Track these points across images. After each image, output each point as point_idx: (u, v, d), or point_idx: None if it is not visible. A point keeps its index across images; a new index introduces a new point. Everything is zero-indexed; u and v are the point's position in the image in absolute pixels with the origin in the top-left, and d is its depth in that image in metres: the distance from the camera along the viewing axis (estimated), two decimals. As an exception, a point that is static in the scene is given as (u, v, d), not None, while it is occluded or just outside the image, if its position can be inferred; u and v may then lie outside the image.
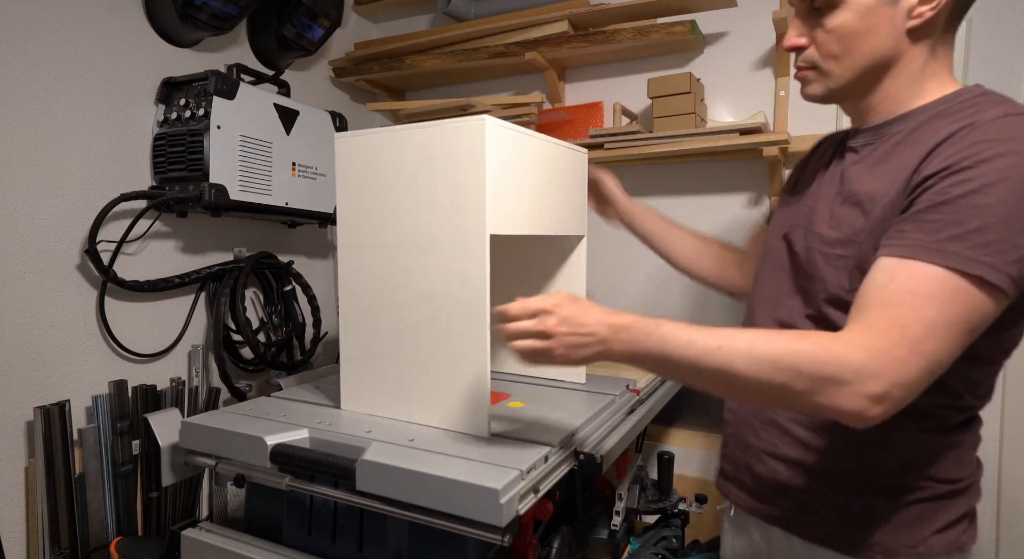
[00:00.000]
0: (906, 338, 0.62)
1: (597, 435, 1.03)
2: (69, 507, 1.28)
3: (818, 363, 0.63)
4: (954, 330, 0.63)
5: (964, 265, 0.62)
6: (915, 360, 0.62)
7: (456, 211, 0.95)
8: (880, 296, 0.65)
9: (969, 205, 0.62)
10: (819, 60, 0.77)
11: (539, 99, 1.87)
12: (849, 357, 0.62)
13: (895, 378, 0.62)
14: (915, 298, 0.63)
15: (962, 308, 0.62)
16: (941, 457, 0.76)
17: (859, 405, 0.62)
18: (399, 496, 0.82)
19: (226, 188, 1.43)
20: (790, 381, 0.64)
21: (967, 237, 0.62)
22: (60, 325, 1.32)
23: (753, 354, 0.65)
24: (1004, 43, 1.44)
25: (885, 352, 0.62)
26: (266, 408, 1.11)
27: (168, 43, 1.53)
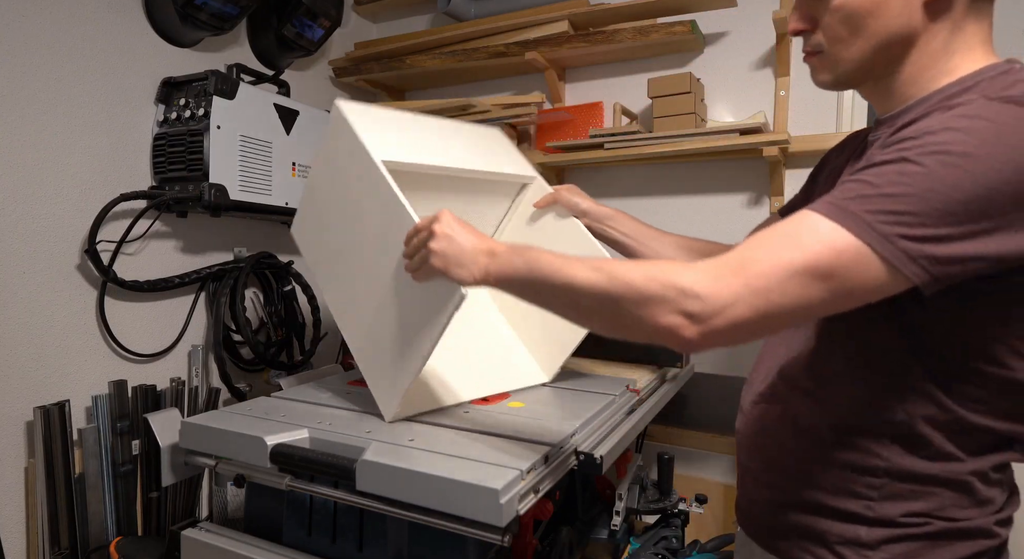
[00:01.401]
0: (746, 269, 0.58)
1: (597, 435, 1.03)
2: (69, 507, 1.28)
3: (651, 278, 0.61)
4: (806, 280, 0.56)
5: (854, 225, 0.56)
6: (744, 292, 0.57)
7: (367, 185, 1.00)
8: (758, 235, 0.61)
9: (894, 170, 0.57)
10: (826, 44, 0.70)
11: (539, 99, 1.87)
12: (681, 276, 0.59)
13: (717, 303, 0.57)
14: (782, 239, 0.58)
15: (830, 265, 0.56)
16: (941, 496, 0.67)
17: (674, 322, 0.59)
18: (399, 496, 0.82)
19: (226, 188, 1.43)
20: (622, 294, 0.62)
21: (874, 199, 0.56)
22: (60, 325, 1.32)
23: (598, 270, 0.65)
24: (1004, 43, 1.44)
25: (718, 277, 0.58)
26: (266, 408, 1.11)
27: (168, 43, 1.53)
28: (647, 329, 0.62)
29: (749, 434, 0.85)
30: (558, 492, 1.01)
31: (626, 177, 1.89)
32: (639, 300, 0.61)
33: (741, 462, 0.89)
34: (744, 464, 0.87)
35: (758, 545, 0.84)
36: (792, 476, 0.77)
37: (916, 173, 0.55)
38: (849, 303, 0.59)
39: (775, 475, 0.79)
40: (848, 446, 0.70)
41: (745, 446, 0.87)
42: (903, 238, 0.55)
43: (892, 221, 0.55)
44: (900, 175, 0.56)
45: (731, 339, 0.59)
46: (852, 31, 0.67)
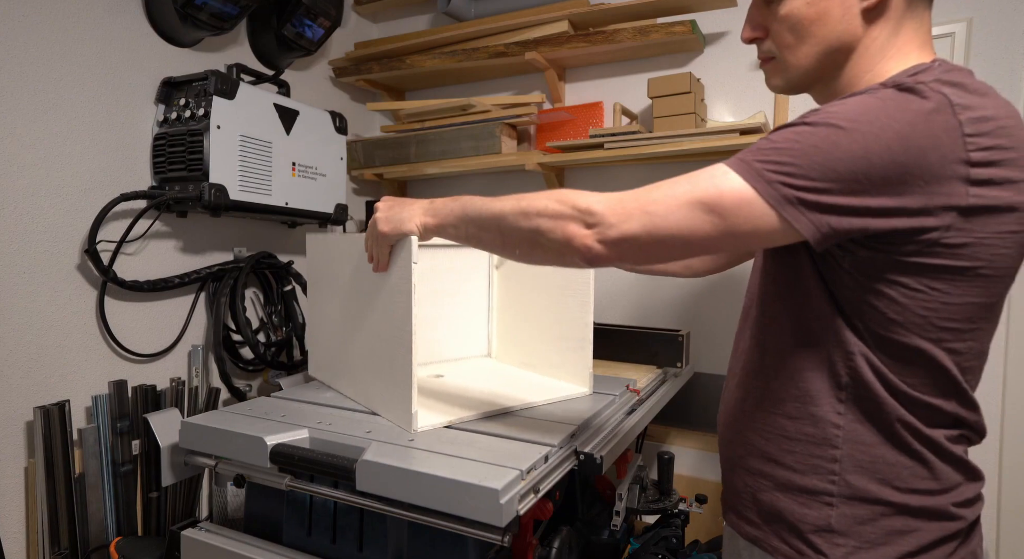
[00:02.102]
0: (642, 196, 0.66)
1: (597, 435, 1.03)
2: (69, 507, 1.28)
3: (559, 201, 0.70)
4: (693, 211, 0.64)
5: (745, 171, 0.63)
6: (637, 213, 0.65)
7: None
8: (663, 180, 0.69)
9: (791, 131, 0.63)
10: (776, 51, 0.76)
11: (539, 99, 1.87)
12: (587, 199, 0.68)
13: (612, 219, 0.66)
14: (682, 179, 0.66)
15: (717, 200, 0.63)
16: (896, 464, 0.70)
17: (576, 232, 0.68)
18: (399, 496, 0.82)
19: (226, 188, 1.43)
20: (539, 223, 0.71)
21: (767, 152, 0.63)
22: (60, 325, 1.32)
23: (519, 205, 0.75)
24: (1004, 43, 1.44)
25: (618, 201, 0.67)
26: (266, 408, 1.11)
27: (168, 43, 1.53)
28: (556, 244, 0.70)
29: (724, 424, 0.89)
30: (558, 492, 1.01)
31: (626, 177, 1.89)
32: (550, 218, 0.70)
33: (721, 455, 0.91)
34: (723, 456, 0.90)
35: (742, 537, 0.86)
36: (759, 460, 0.80)
37: (807, 133, 0.62)
38: (735, 242, 0.65)
39: (746, 462, 0.82)
40: (807, 420, 0.74)
41: (723, 438, 0.90)
42: (784, 186, 0.61)
43: (777, 170, 0.61)
44: (795, 135, 0.62)
45: (623, 252, 0.68)
46: (798, 38, 0.73)
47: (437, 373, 1.27)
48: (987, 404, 1.48)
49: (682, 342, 1.55)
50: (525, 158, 1.80)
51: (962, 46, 1.45)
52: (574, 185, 1.96)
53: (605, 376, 1.36)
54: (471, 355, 1.39)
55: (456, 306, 1.37)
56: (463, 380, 1.23)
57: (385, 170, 2.03)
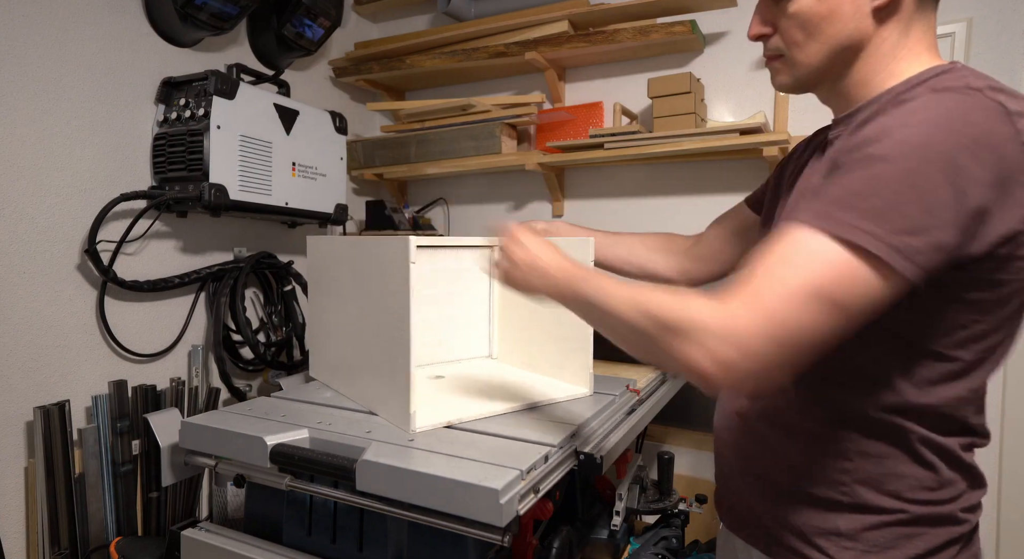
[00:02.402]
0: (757, 302, 0.59)
1: (597, 435, 1.03)
2: (69, 507, 1.28)
3: (671, 311, 0.62)
4: (816, 301, 0.57)
5: (841, 230, 0.58)
6: (762, 326, 0.58)
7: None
8: (756, 259, 0.62)
9: (865, 174, 0.59)
10: (785, 48, 0.74)
11: (539, 99, 1.87)
12: (699, 312, 0.60)
13: (738, 342, 0.58)
14: (780, 263, 0.60)
15: (830, 278, 0.57)
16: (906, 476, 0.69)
17: (700, 362, 0.60)
18: (399, 496, 0.82)
19: (226, 188, 1.43)
20: (648, 328, 0.64)
21: (853, 203, 0.58)
22: (60, 325, 1.32)
23: (630, 299, 0.67)
24: (1004, 43, 1.44)
25: (733, 314, 0.59)
26: (266, 408, 1.11)
27: (168, 43, 1.53)
28: (676, 363, 0.63)
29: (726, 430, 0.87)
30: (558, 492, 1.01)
31: (626, 177, 1.89)
32: (662, 336, 0.63)
33: (724, 460, 0.90)
34: (728, 462, 0.89)
35: (741, 540, 0.85)
36: (771, 470, 0.79)
37: (886, 172, 0.58)
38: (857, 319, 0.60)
39: (756, 465, 0.81)
40: (823, 437, 0.73)
41: (728, 444, 0.88)
42: (892, 234, 0.56)
43: (875, 220, 0.57)
44: (873, 178, 0.58)
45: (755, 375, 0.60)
46: (808, 35, 0.71)
47: (438, 374, 1.27)
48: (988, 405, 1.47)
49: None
50: (525, 158, 1.80)
51: (962, 46, 1.45)
52: (574, 185, 1.96)
53: (605, 376, 1.36)
54: (473, 356, 1.38)
55: (457, 307, 1.36)
56: (463, 381, 1.22)
57: (385, 170, 2.03)
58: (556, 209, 1.98)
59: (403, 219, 2.00)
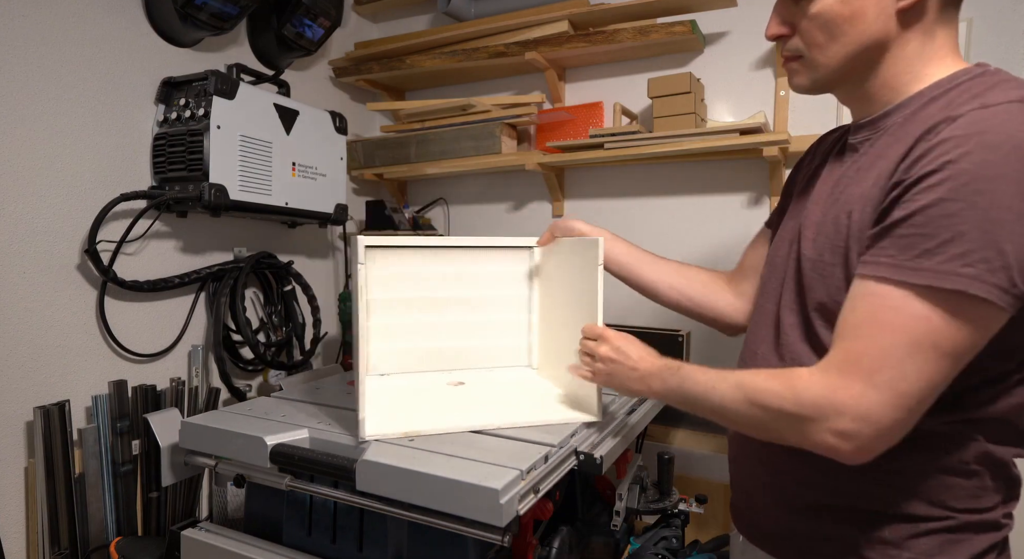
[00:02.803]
0: (861, 370, 0.59)
1: (597, 435, 1.03)
2: (69, 507, 1.27)
3: (781, 399, 0.64)
4: (922, 356, 0.58)
5: (939, 281, 0.57)
6: (874, 393, 0.59)
7: None
8: (846, 324, 0.63)
9: (939, 214, 0.57)
10: (804, 49, 0.73)
11: (539, 99, 1.87)
12: (807, 393, 0.62)
13: (857, 414, 0.59)
14: (872, 326, 0.60)
15: (931, 330, 0.57)
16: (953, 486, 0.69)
17: (828, 442, 0.62)
18: (399, 496, 0.82)
19: (226, 188, 1.43)
20: (765, 417, 0.66)
21: (940, 250, 0.57)
22: (60, 325, 1.32)
23: (736, 393, 0.69)
24: (1004, 43, 1.44)
25: (840, 387, 0.60)
26: (266, 408, 1.11)
27: (168, 43, 1.53)
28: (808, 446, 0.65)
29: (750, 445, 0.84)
30: (558, 492, 1.01)
31: (626, 177, 1.89)
32: (784, 425, 0.65)
33: (742, 468, 0.88)
34: (747, 469, 0.86)
35: (765, 551, 0.83)
36: (808, 481, 0.76)
37: (960, 211, 0.56)
38: (968, 355, 0.60)
39: (787, 480, 0.79)
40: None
41: (749, 452, 0.86)
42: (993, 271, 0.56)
43: (972, 261, 0.56)
44: (947, 217, 0.57)
45: (889, 441, 0.61)
46: (830, 37, 0.69)
47: (459, 380, 1.20)
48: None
49: (682, 342, 1.55)
50: (525, 158, 1.80)
51: (962, 46, 1.45)
52: (574, 185, 1.96)
53: (605, 376, 1.35)
54: (510, 364, 1.27)
55: (493, 312, 1.25)
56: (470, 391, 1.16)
57: (385, 170, 2.03)
58: (556, 209, 1.98)
59: (403, 219, 2.00)
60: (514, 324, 1.27)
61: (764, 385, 0.66)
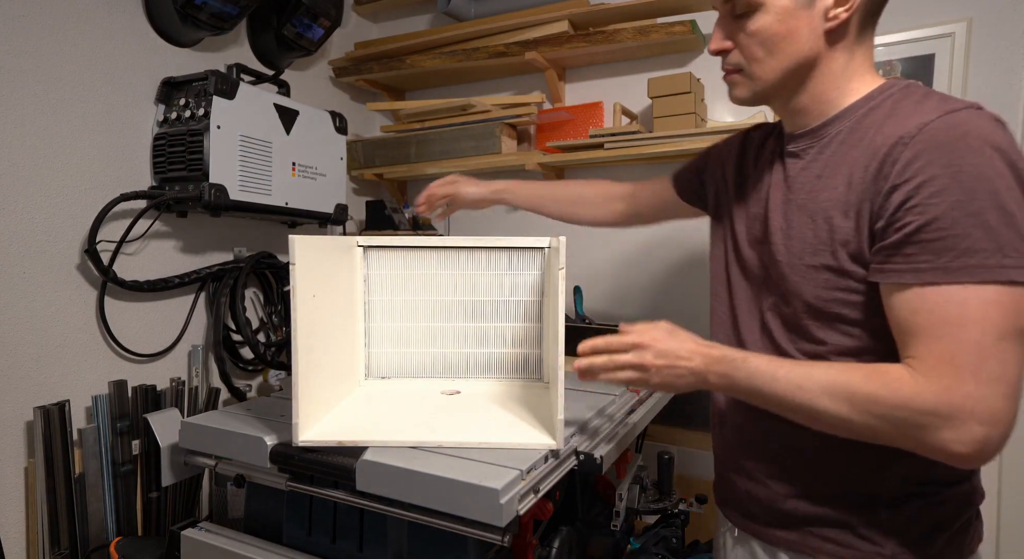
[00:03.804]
0: (964, 367, 0.62)
1: (597, 435, 1.03)
2: (69, 507, 1.27)
3: (893, 408, 0.64)
4: (1008, 341, 0.61)
5: (990, 275, 0.61)
6: (986, 389, 0.61)
7: None
8: (913, 331, 0.65)
9: (962, 215, 0.62)
10: (744, 63, 0.78)
11: (539, 99, 1.87)
12: (921, 400, 0.63)
13: (984, 417, 0.61)
14: (948, 326, 0.63)
15: (1006, 317, 0.61)
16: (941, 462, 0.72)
17: (954, 449, 0.63)
18: (399, 496, 0.82)
19: (226, 188, 1.43)
20: (874, 424, 0.66)
21: (979, 247, 0.62)
22: (60, 325, 1.32)
23: (832, 396, 0.67)
24: (1004, 43, 1.44)
25: (952, 387, 0.62)
26: (266, 408, 1.11)
27: (168, 43, 1.53)
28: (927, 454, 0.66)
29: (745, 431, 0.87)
30: (558, 492, 1.01)
31: (626, 177, 1.88)
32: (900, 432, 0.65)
33: (732, 459, 0.91)
34: (737, 461, 0.89)
35: (760, 541, 0.85)
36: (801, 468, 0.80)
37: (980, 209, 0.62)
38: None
39: (778, 469, 0.82)
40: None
41: (739, 443, 0.89)
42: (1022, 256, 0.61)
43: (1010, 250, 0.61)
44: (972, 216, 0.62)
45: (1005, 435, 0.63)
46: (768, 52, 0.76)
47: (455, 389, 1.15)
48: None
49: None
50: (525, 158, 1.80)
51: (962, 46, 1.45)
52: (574, 185, 1.96)
53: (605, 376, 1.35)
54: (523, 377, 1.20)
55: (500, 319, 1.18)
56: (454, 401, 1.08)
57: (385, 170, 2.03)
58: (556, 209, 1.98)
59: (403, 219, 2.00)
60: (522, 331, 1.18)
61: (869, 390, 0.66)
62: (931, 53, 1.48)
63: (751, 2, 0.74)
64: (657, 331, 0.81)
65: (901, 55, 1.51)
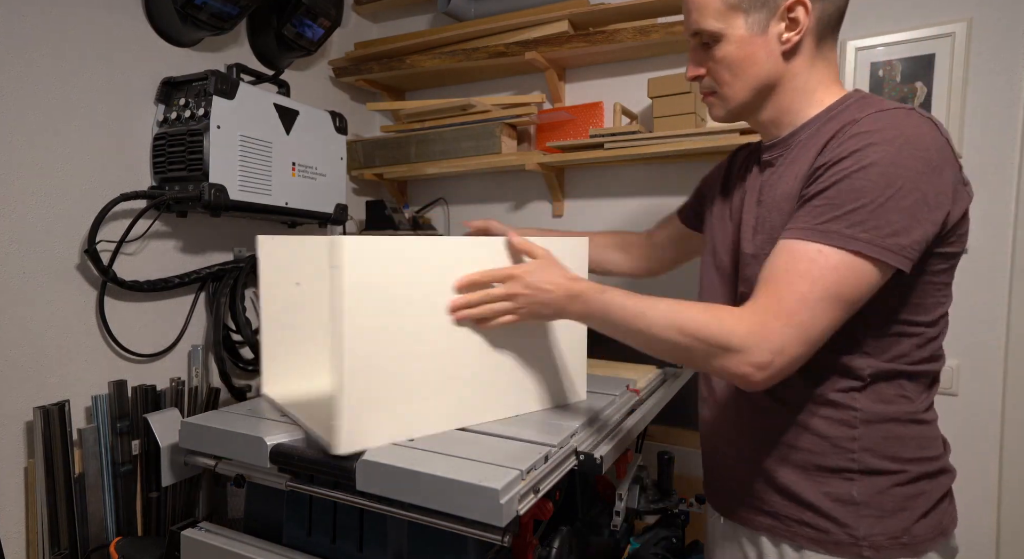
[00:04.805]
0: (781, 311, 0.71)
1: (597, 435, 1.03)
2: (69, 507, 1.27)
3: (712, 332, 0.74)
4: (828, 302, 0.71)
5: (842, 242, 0.71)
6: (789, 330, 0.71)
7: None
8: (769, 275, 0.75)
9: (846, 189, 0.72)
10: (716, 86, 0.88)
11: (539, 99, 1.87)
12: (736, 329, 0.73)
13: (773, 347, 0.71)
14: (791, 275, 0.72)
15: (835, 282, 0.70)
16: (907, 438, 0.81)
17: (744, 371, 0.72)
18: (399, 496, 0.82)
19: (226, 188, 1.43)
20: (692, 345, 0.75)
21: (844, 217, 0.71)
22: (60, 325, 1.32)
23: (667, 320, 0.77)
24: (1004, 43, 1.44)
25: (763, 324, 0.72)
26: (266, 408, 1.11)
27: (168, 43, 1.53)
28: (718, 373, 0.77)
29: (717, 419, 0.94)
30: (558, 492, 1.01)
31: (626, 177, 1.89)
32: (708, 352, 0.75)
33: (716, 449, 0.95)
34: (721, 450, 0.94)
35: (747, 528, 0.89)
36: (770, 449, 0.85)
37: (863, 187, 0.71)
38: (859, 305, 0.73)
39: (754, 454, 0.87)
40: (827, 406, 0.82)
41: (721, 432, 0.93)
42: (883, 237, 0.70)
43: (868, 228, 0.70)
44: (853, 192, 0.71)
45: (788, 371, 0.73)
46: (733, 75, 0.85)
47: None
48: (987, 404, 1.48)
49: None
50: (525, 158, 1.80)
51: (962, 46, 1.45)
52: (574, 185, 1.96)
53: (605, 376, 1.36)
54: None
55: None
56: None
57: (385, 170, 2.03)
58: (556, 209, 1.98)
59: (403, 219, 2.00)
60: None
61: (697, 317, 0.76)
62: (931, 53, 1.48)
63: (713, 34, 0.84)
64: (531, 264, 0.92)
65: (901, 55, 1.51)
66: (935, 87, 1.48)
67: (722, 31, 0.83)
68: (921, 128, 0.73)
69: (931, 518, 0.81)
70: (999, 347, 1.46)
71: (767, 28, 0.82)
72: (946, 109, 1.47)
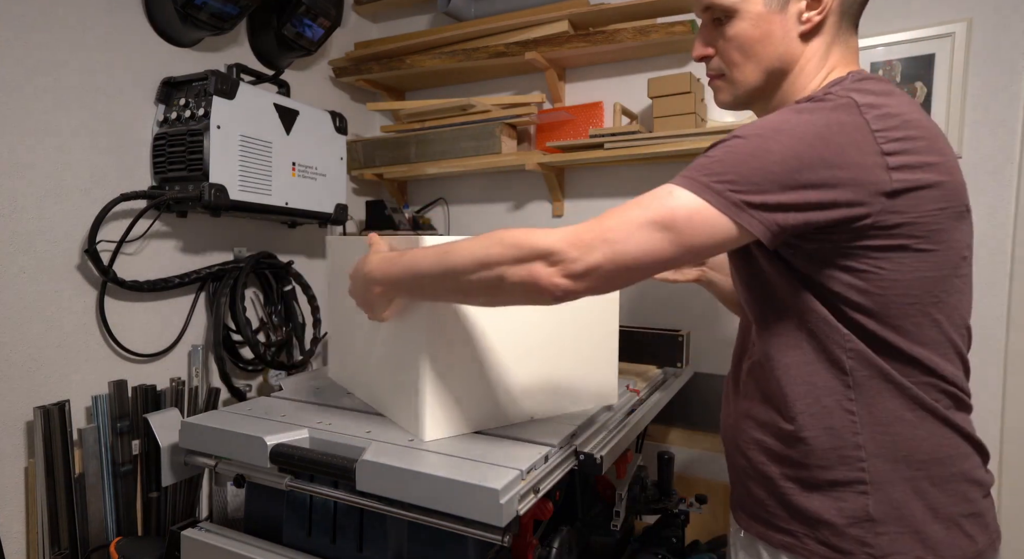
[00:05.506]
0: (599, 227, 0.69)
1: (597, 435, 1.03)
2: (69, 507, 1.28)
3: (518, 241, 0.71)
4: (652, 229, 0.68)
5: (690, 186, 0.68)
6: (599, 244, 0.68)
7: None
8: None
9: (723, 146, 0.70)
10: (725, 68, 0.82)
11: (539, 99, 1.87)
12: (546, 239, 0.69)
13: (574, 253, 0.68)
14: (635, 205, 0.70)
15: (671, 217, 0.68)
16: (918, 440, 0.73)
17: (538, 276, 0.69)
18: (399, 496, 0.82)
19: (226, 188, 1.43)
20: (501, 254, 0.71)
21: (707, 167, 0.69)
22: (60, 325, 1.32)
23: (477, 241, 0.75)
24: (1004, 43, 1.44)
25: (574, 235, 0.69)
26: (266, 408, 1.11)
27: (168, 43, 1.53)
28: (522, 287, 0.71)
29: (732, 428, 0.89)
30: (558, 492, 1.01)
31: (626, 177, 1.89)
32: (510, 264, 0.71)
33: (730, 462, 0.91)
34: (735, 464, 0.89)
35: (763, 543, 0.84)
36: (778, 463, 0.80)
37: (740, 144, 0.69)
38: (693, 255, 0.70)
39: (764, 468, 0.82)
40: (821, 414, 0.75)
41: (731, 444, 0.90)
42: (731, 193, 0.67)
43: (720, 181, 0.68)
44: (729, 148, 0.69)
45: (591, 283, 0.70)
46: (745, 56, 0.80)
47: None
48: (986, 404, 1.48)
49: (682, 342, 1.55)
50: (525, 158, 1.80)
51: (962, 46, 1.45)
52: (574, 185, 1.96)
53: (605, 376, 1.35)
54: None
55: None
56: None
57: (385, 170, 2.03)
58: (556, 209, 1.98)
59: (403, 219, 2.00)
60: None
61: (508, 231, 0.73)
62: (931, 53, 1.48)
63: (727, 9, 0.78)
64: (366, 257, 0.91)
65: (901, 55, 1.51)
66: (935, 87, 1.48)
67: (737, 6, 0.77)
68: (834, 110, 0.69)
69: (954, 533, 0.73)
70: (999, 348, 1.46)
71: (787, 5, 0.76)
72: (946, 109, 1.47)
